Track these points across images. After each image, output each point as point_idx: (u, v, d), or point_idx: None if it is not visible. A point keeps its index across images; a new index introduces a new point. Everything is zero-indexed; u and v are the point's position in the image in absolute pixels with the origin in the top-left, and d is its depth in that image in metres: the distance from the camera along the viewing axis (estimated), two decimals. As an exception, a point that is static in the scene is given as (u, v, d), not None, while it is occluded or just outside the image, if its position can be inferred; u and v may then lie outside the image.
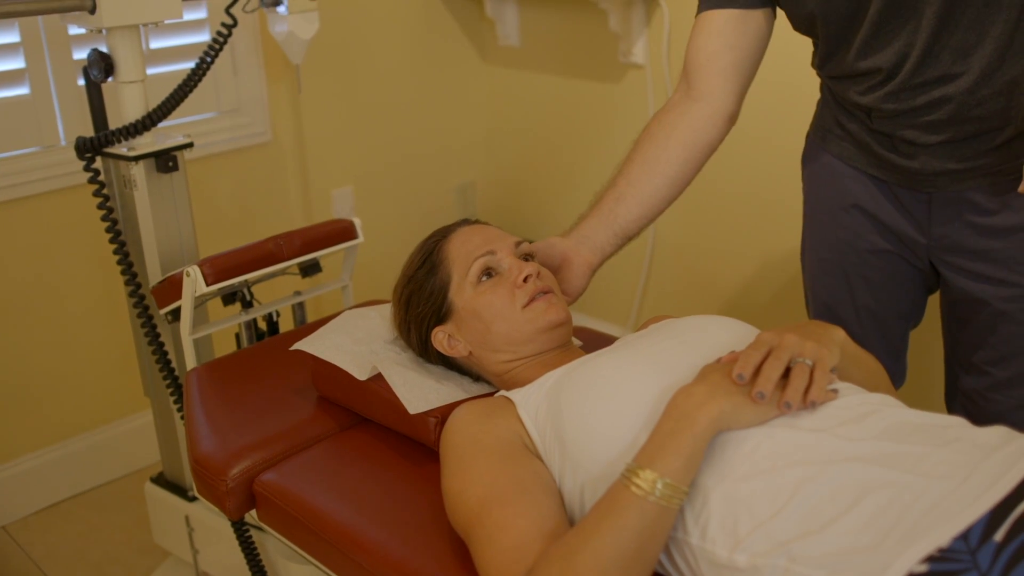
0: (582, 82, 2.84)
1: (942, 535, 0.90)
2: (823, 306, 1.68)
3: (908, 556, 0.88)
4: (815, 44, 1.50)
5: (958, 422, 1.07)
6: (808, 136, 1.66)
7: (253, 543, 1.62)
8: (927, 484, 0.95)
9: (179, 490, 2.04)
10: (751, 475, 1.00)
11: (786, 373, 1.07)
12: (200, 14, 2.43)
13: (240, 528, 1.60)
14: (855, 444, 1.01)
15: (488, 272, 1.36)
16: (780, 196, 2.47)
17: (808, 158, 1.66)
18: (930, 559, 0.88)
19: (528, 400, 1.22)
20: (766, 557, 0.95)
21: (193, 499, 2.00)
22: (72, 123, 2.27)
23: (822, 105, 1.61)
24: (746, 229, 2.57)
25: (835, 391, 1.09)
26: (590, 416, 1.12)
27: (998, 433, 1.04)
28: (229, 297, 1.90)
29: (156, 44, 2.36)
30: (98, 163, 1.83)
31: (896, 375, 1.66)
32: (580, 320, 2.87)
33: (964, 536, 0.89)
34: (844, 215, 1.57)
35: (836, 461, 0.99)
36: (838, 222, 1.59)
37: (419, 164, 3.04)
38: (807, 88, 2.33)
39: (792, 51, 2.32)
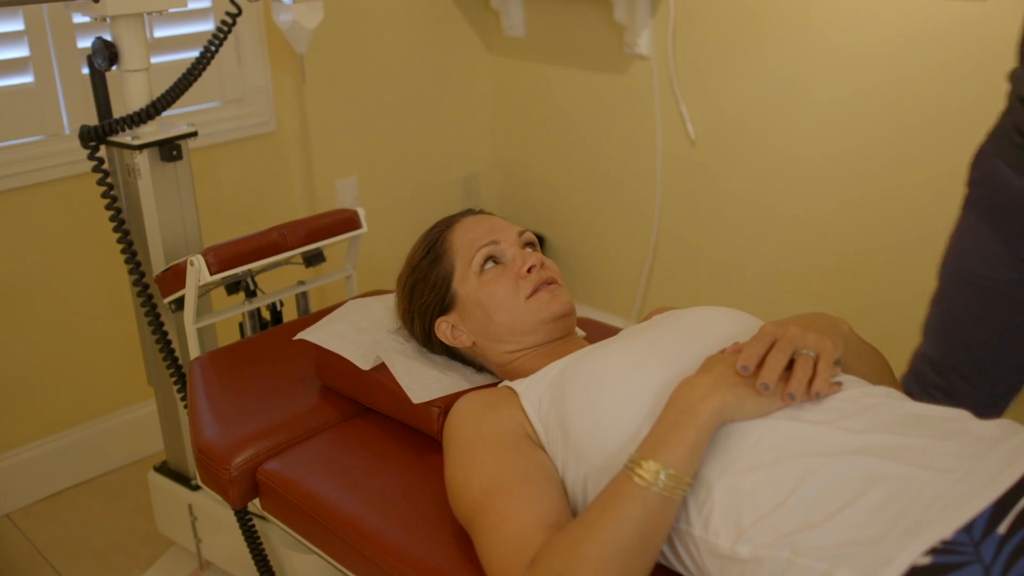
0: (587, 73, 2.83)
1: (946, 527, 0.89)
2: (952, 316, 1.64)
3: (912, 548, 0.88)
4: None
5: (961, 415, 1.06)
6: (985, 143, 1.60)
7: (256, 532, 1.63)
8: (930, 477, 0.95)
9: (182, 479, 2.04)
10: (754, 467, 1.00)
11: (790, 365, 1.06)
12: (204, 3, 2.42)
13: (243, 517, 1.60)
14: (858, 437, 1.00)
15: (492, 261, 1.36)
16: (784, 188, 2.47)
17: (979, 164, 1.60)
18: (933, 551, 0.88)
19: (531, 390, 1.22)
20: (769, 549, 0.95)
21: (196, 488, 2.00)
22: (76, 111, 2.27)
23: (1005, 115, 1.56)
24: (749, 220, 2.56)
25: (839, 383, 1.08)
26: (594, 407, 1.12)
27: (1001, 426, 1.03)
28: (233, 286, 1.90)
29: (160, 33, 2.36)
30: (102, 152, 1.82)
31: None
32: (583, 311, 2.87)
33: (968, 528, 0.89)
34: (1007, 220, 1.53)
35: (839, 454, 0.99)
36: (998, 228, 1.55)
37: (423, 154, 3.03)
38: (809, 89, 2.33)
39: (796, 58, 2.32)
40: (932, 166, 2.18)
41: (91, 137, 1.76)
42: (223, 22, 1.85)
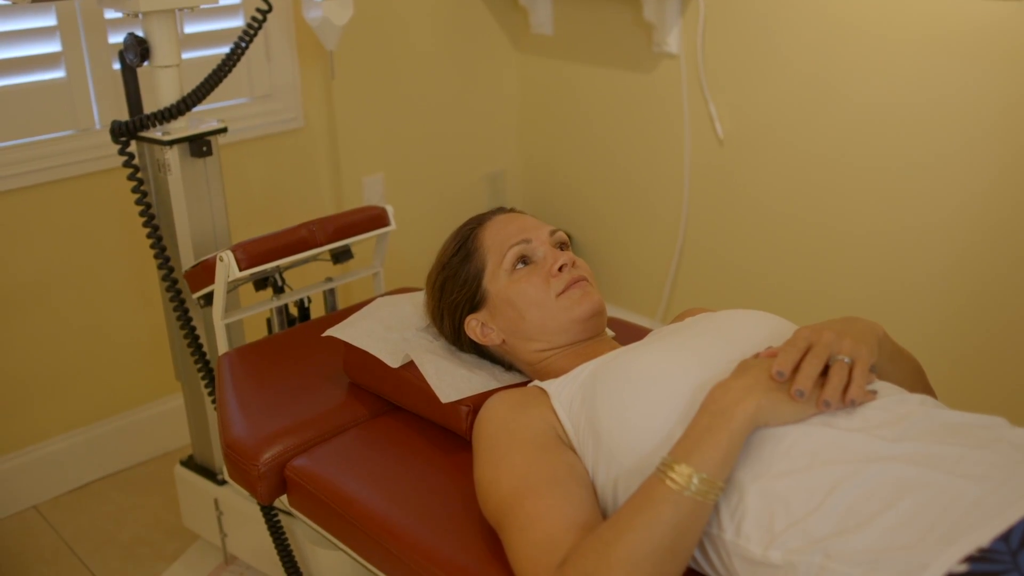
0: (615, 71, 2.82)
1: (982, 535, 0.88)
2: None
3: (948, 555, 0.87)
4: None
5: (997, 422, 1.05)
6: None
7: (282, 527, 1.63)
8: (966, 485, 0.94)
9: (209, 473, 2.05)
10: (788, 472, 1.00)
11: (825, 370, 1.06)
12: (235, -1, 2.43)
13: (269, 513, 1.61)
14: (893, 444, 0.99)
15: (523, 260, 1.36)
16: (813, 189, 2.45)
17: None
18: (970, 559, 0.87)
19: (562, 391, 1.22)
20: (801, 554, 0.94)
21: (222, 483, 2.01)
22: (107, 107, 2.28)
23: None
24: (777, 221, 2.54)
25: (874, 391, 1.07)
26: (626, 409, 1.11)
27: (1037, 433, 1.02)
28: (261, 282, 1.90)
29: (191, 29, 2.37)
30: (132, 147, 1.83)
31: None
32: (610, 310, 2.86)
33: (1005, 537, 0.88)
34: None
35: (874, 460, 0.98)
36: None
37: (450, 152, 3.03)
38: (839, 88, 2.31)
39: (827, 56, 2.30)
40: (965, 165, 2.15)
41: (122, 132, 1.77)
42: (253, 18, 1.85)
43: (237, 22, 2.45)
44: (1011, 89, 2.03)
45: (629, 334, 1.65)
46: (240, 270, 1.72)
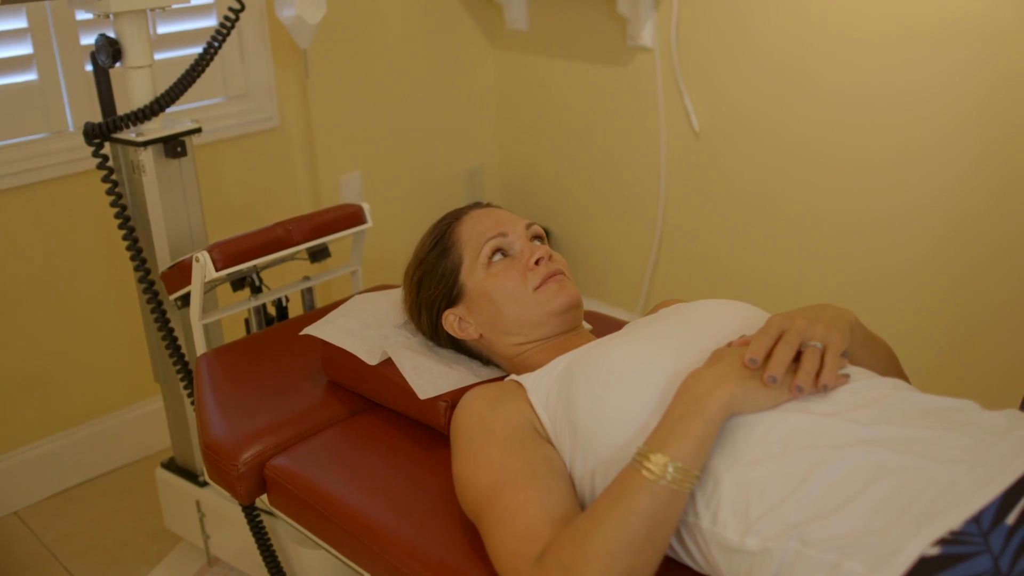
0: (590, 66, 2.83)
1: (954, 518, 0.89)
2: None
3: (920, 539, 0.88)
4: None
5: (968, 405, 1.06)
6: None
7: (264, 528, 1.63)
8: (938, 468, 0.95)
9: (190, 475, 2.04)
10: (762, 459, 1.00)
11: (797, 357, 1.06)
12: (207, -1, 2.42)
13: (251, 513, 1.61)
14: (866, 428, 1.00)
15: (500, 252, 1.36)
16: (788, 179, 2.46)
17: None
18: (942, 542, 0.88)
19: (538, 384, 1.22)
20: (777, 540, 0.95)
21: (204, 484, 2.01)
22: (80, 109, 2.27)
23: None
24: (754, 212, 2.56)
25: (846, 375, 1.08)
26: (601, 400, 1.12)
27: (1008, 416, 1.03)
28: (238, 282, 1.90)
29: (163, 29, 2.36)
30: (107, 149, 1.83)
31: None
32: (589, 304, 2.86)
33: (976, 519, 0.89)
34: None
35: (847, 445, 0.99)
36: None
37: (428, 149, 3.03)
38: (813, 80, 2.32)
39: (800, 48, 2.31)
40: (940, 161, 2.17)
41: (95, 134, 1.76)
42: (226, 18, 1.84)
43: (210, 22, 2.44)
44: (986, 86, 2.05)
45: (607, 327, 1.65)
46: (217, 270, 1.71)
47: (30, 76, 2.19)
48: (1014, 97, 2.01)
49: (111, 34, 1.77)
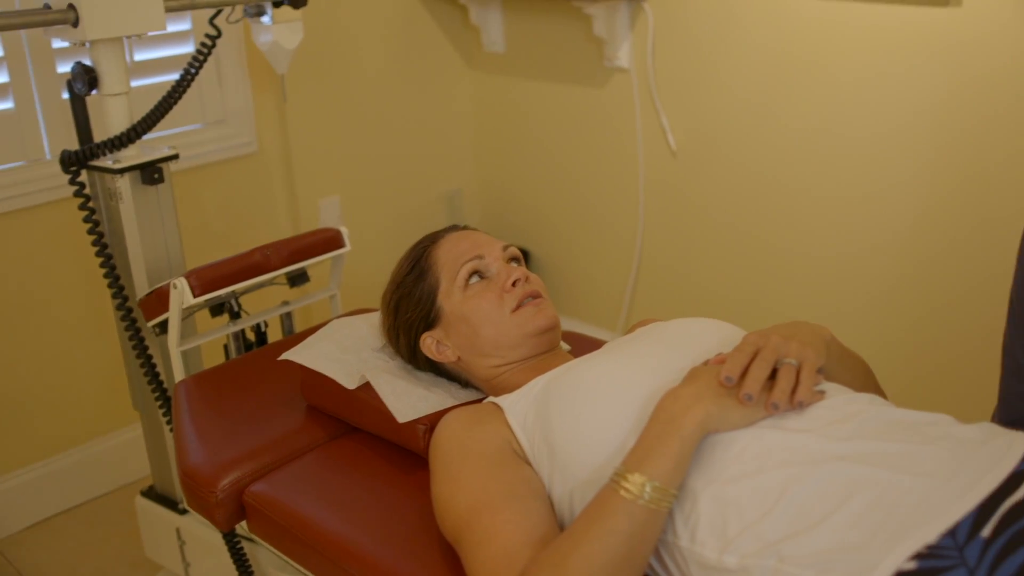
0: (568, 87, 2.84)
1: (930, 532, 0.90)
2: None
3: (896, 553, 0.89)
4: None
5: (943, 419, 1.07)
6: None
7: (244, 554, 1.62)
8: (914, 482, 0.95)
9: (170, 503, 2.03)
10: (739, 477, 1.00)
11: (773, 374, 1.07)
12: (184, 25, 2.43)
13: (231, 540, 1.60)
14: (842, 444, 1.01)
15: (477, 274, 1.37)
16: (765, 197, 2.48)
17: None
18: (918, 556, 0.88)
19: (516, 406, 1.22)
20: (756, 558, 0.95)
21: (184, 512, 1.99)
22: (57, 137, 2.26)
23: None
24: (732, 231, 2.57)
25: (822, 392, 1.09)
26: (578, 421, 1.12)
27: (982, 429, 1.04)
28: (217, 308, 1.89)
29: (140, 56, 2.36)
30: (83, 176, 1.82)
31: None
32: (568, 324, 2.87)
33: (952, 532, 0.90)
34: None
35: (823, 461, 0.99)
36: None
37: (406, 172, 3.04)
38: (788, 98, 2.34)
39: (775, 67, 2.34)
40: (911, 169, 2.19)
41: (72, 162, 1.76)
42: (203, 44, 1.85)
43: (187, 48, 2.44)
44: (949, 91, 2.07)
45: (587, 347, 1.66)
46: (194, 296, 1.71)
47: (6, 104, 2.19)
48: (978, 123, 2.04)
49: (87, 62, 1.77)
